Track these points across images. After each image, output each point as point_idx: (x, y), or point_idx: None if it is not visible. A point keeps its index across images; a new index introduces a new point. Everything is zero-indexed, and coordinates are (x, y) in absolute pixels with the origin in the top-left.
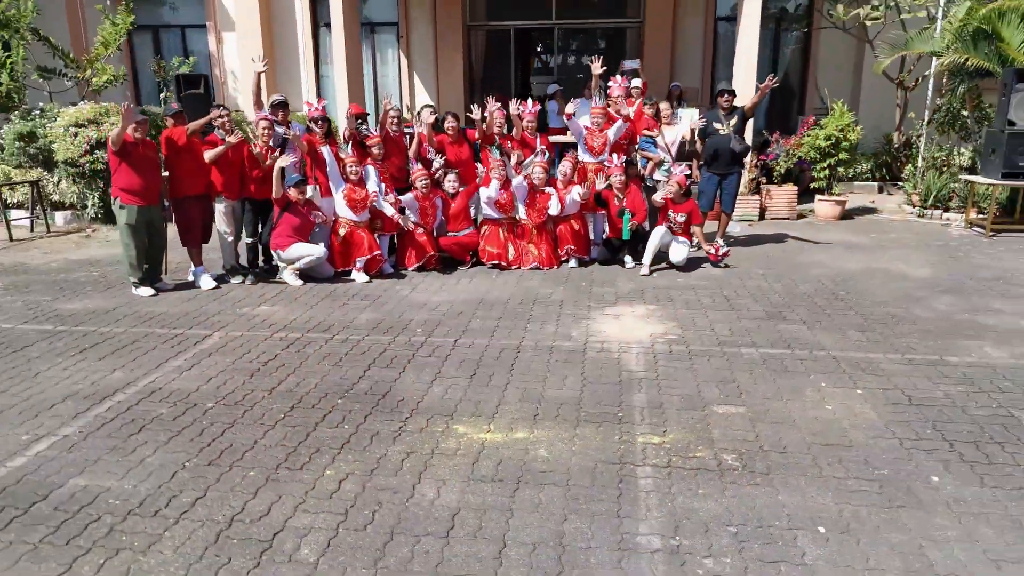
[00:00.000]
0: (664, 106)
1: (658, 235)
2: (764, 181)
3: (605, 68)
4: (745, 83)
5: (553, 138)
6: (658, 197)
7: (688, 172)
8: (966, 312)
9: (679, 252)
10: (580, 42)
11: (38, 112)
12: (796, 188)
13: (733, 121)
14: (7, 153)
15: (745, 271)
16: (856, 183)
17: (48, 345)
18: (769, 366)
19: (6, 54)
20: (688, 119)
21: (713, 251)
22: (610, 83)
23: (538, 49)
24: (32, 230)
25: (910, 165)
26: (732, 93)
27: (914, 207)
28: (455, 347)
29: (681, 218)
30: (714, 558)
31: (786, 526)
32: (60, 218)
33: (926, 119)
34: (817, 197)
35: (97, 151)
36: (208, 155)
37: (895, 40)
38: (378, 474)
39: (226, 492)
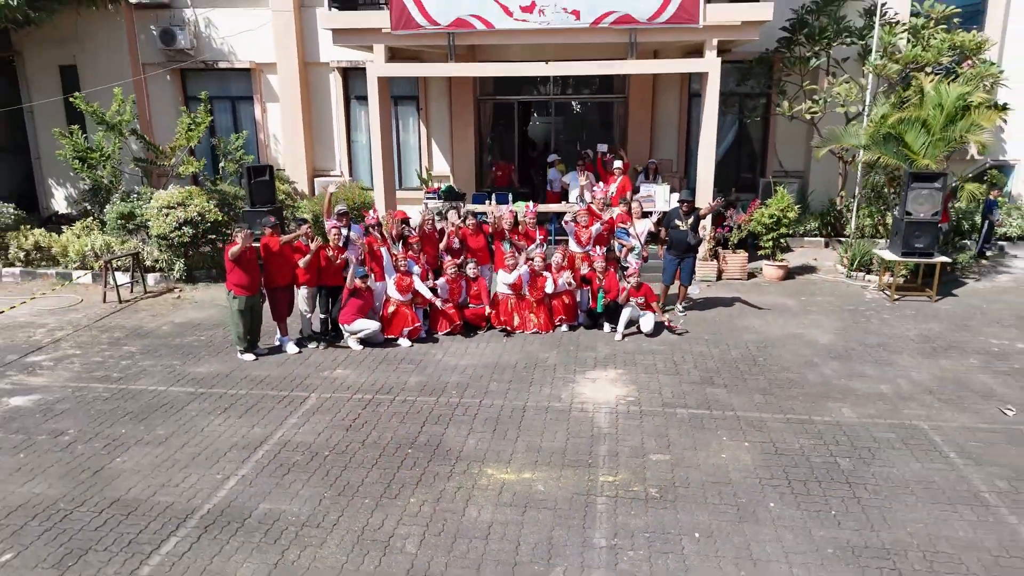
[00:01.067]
0: (635, 205)
1: (627, 311)
2: (721, 248)
3: (594, 184)
4: (706, 156)
5: (552, 206)
6: (622, 296)
7: (642, 260)
8: (843, 377)
9: (647, 323)
10: (574, 114)
11: (136, 195)
12: (747, 254)
13: (690, 220)
14: (109, 228)
15: (695, 336)
16: (806, 238)
17: (199, 405)
18: (692, 424)
19: (106, 151)
20: (660, 195)
21: (668, 321)
22: (595, 189)
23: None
24: (132, 291)
25: (846, 231)
26: (690, 202)
27: (845, 268)
28: (480, 407)
29: (641, 300)
30: (633, 551)
31: (677, 533)
32: (151, 279)
33: (856, 195)
34: (764, 262)
35: (184, 227)
36: (302, 262)
37: (829, 134)
38: (442, 501)
39: (354, 513)
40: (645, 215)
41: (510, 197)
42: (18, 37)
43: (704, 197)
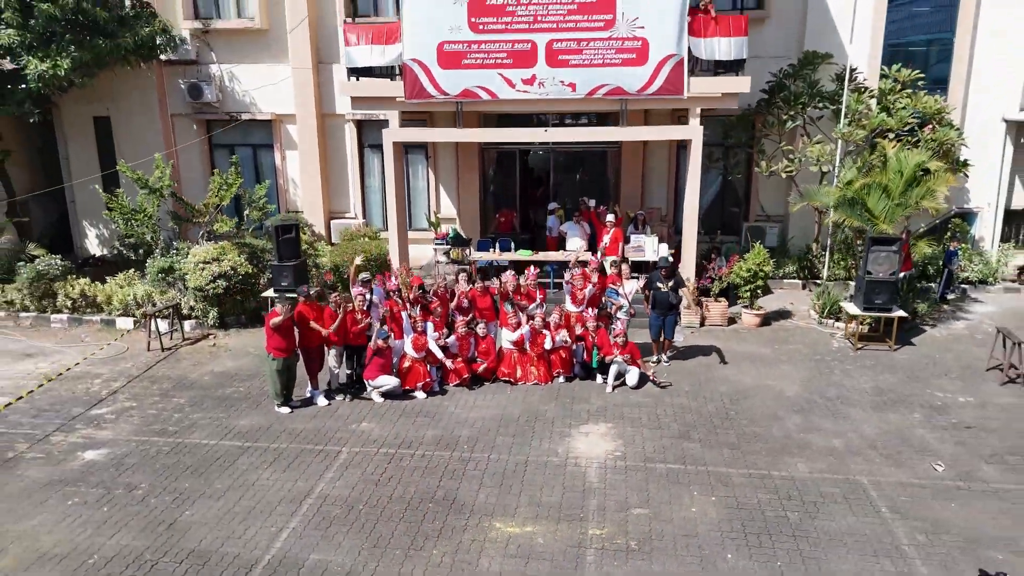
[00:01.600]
0: (626, 268)
1: (615, 367)
2: (704, 297)
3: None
4: (690, 213)
5: (551, 254)
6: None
7: (629, 317)
8: (802, 431)
9: (632, 378)
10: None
11: (175, 251)
12: (727, 303)
13: (670, 283)
14: (150, 280)
15: (676, 387)
16: (785, 280)
17: (248, 459)
18: (669, 478)
19: (149, 212)
20: (649, 246)
21: (652, 375)
22: (589, 263)
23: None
24: (171, 338)
25: (821, 274)
26: (669, 267)
27: (816, 314)
28: (488, 462)
29: (627, 358)
30: None
31: None
32: (188, 326)
33: (828, 246)
34: (743, 310)
35: (218, 280)
36: (332, 327)
37: (804, 192)
38: (459, 552)
39: (388, 564)
40: (632, 277)
41: (512, 245)
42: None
43: (689, 248)
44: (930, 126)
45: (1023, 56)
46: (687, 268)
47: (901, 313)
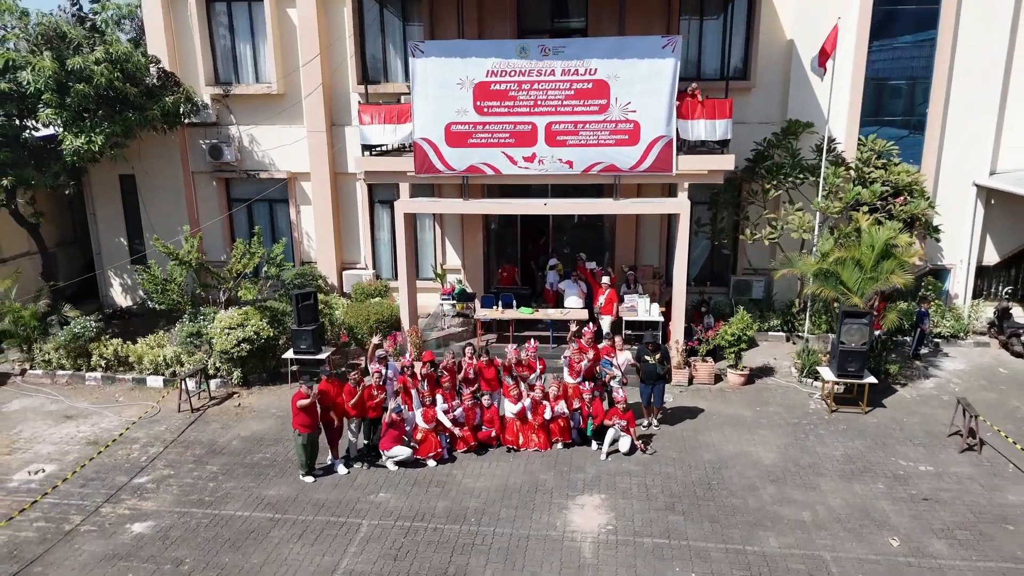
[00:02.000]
0: (619, 340)
1: (611, 434)
2: (692, 357)
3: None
4: (679, 278)
5: (551, 311)
6: (612, 420)
7: (623, 384)
8: (776, 503)
9: (624, 444)
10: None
11: (202, 317)
12: (713, 363)
13: (657, 356)
14: (179, 343)
15: (663, 455)
16: (770, 333)
17: (279, 532)
18: (655, 554)
19: (178, 280)
20: (641, 306)
21: (641, 445)
22: (583, 332)
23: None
24: (199, 397)
25: (800, 338)
26: (654, 342)
27: (797, 372)
28: (494, 536)
29: (623, 423)
30: None
31: None
32: (213, 384)
33: (808, 309)
34: (728, 370)
35: (242, 343)
36: (351, 402)
37: (784, 259)
38: None
39: None
40: (624, 349)
41: (514, 301)
42: None
43: (678, 311)
44: (902, 197)
45: (991, 126)
46: (676, 329)
47: (871, 380)
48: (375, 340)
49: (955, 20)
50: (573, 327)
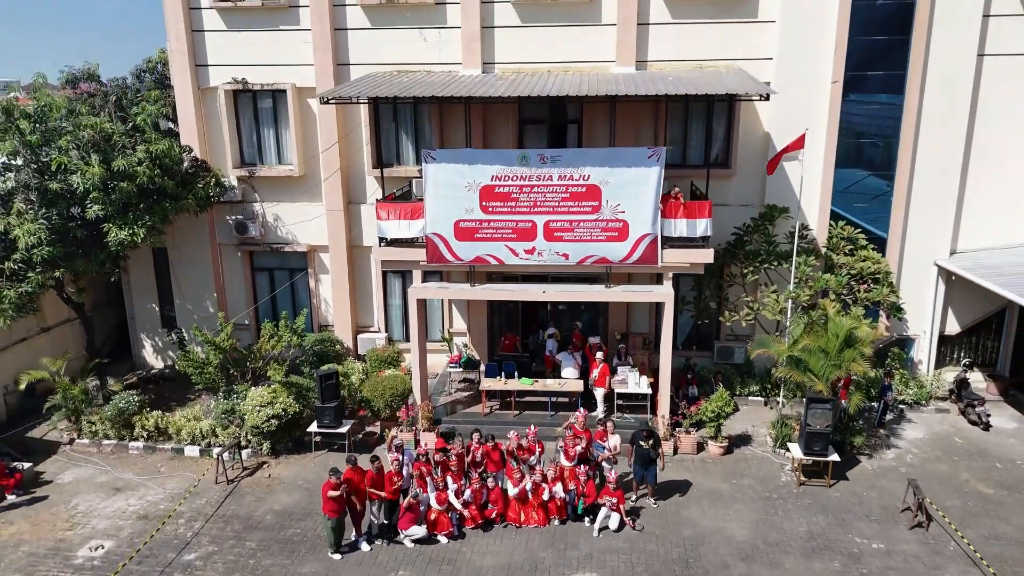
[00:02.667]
0: (610, 425)
1: (603, 513)
2: (676, 429)
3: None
4: (665, 357)
5: (549, 382)
6: (604, 500)
7: (614, 463)
8: None
9: (614, 522)
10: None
11: (235, 395)
12: (696, 434)
13: (651, 442)
14: (214, 418)
15: (649, 531)
16: (751, 398)
17: None
18: None
19: (214, 363)
20: (632, 379)
21: (630, 522)
22: (576, 418)
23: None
24: (232, 467)
25: (776, 402)
26: (650, 430)
27: (772, 442)
28: None
29: (614, 501)
30: None
31: None
32: (245, 454)
33: (782, 384)
34: (709, 441)
35: (271, 419)
36: (371, 491)
37: (760, 340)
38: None
39: None
40: (614, 433)
41: (516, 371)
42: None
43: (665, 387)
44: (866, 284)
45: (950, 211)
46: (663, 404)
47: (835, 457)
48: (392, 433)
49: (916, 120)
50: (568, 421)
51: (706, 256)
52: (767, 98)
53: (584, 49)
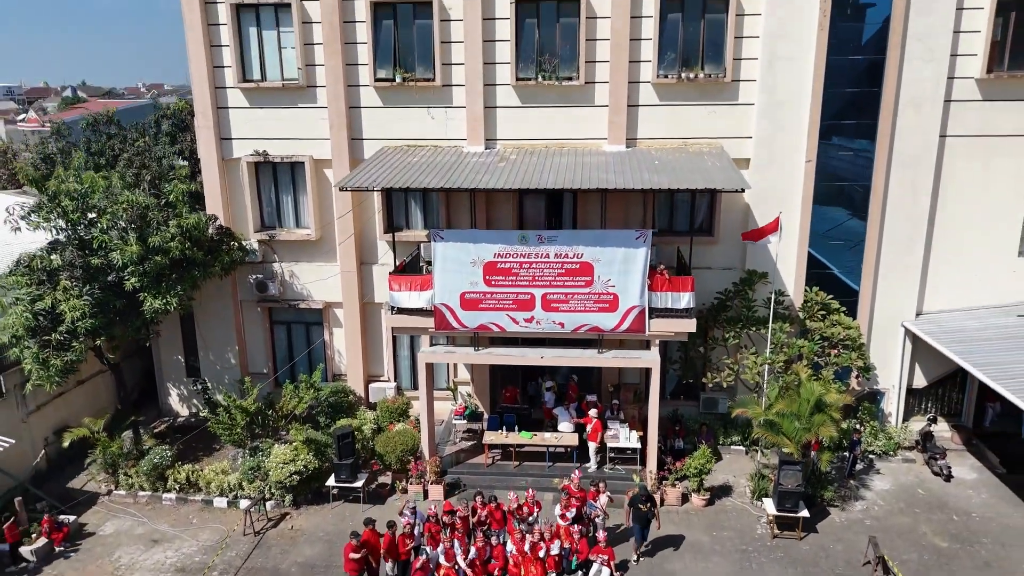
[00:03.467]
0: (601, 485)
1: (594, 568)
2: (663, 483)
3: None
4: (652, 418)
5: (547, 436)
6: (596, 557)
7: (605, 521)
8: None
9: None
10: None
11: (261, 453)
12: (681, 488)
13: (648, 504)
14: (241, 473)
15: None
16: (732, 447)
17: None
18: None
19: (241, 423)
20: (622, 434)
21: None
22: (572, 479)
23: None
24: (258, 519)
25: (755, 450)
26: (648, 496)
27: (750, 495)
28: None
29: (605, 558)
30: None
31: None
32: (269, 505)
33: (760, 446)
34: (693, 493)
35: (294, 475)
36: (384, 552)
37: (740, 400)
38: None
39: None
40: (604, 493)
41: (516, 424)
42: None
43: (652, 446)
44: (836, 350)
45: (916, 276)
46: (651, 458)
47: (805, 513)
48: (411, 504)
49: (883, 195)
50: (564, 483)
51: (689, 326)
52: (743, 190)
53: (579, 128)
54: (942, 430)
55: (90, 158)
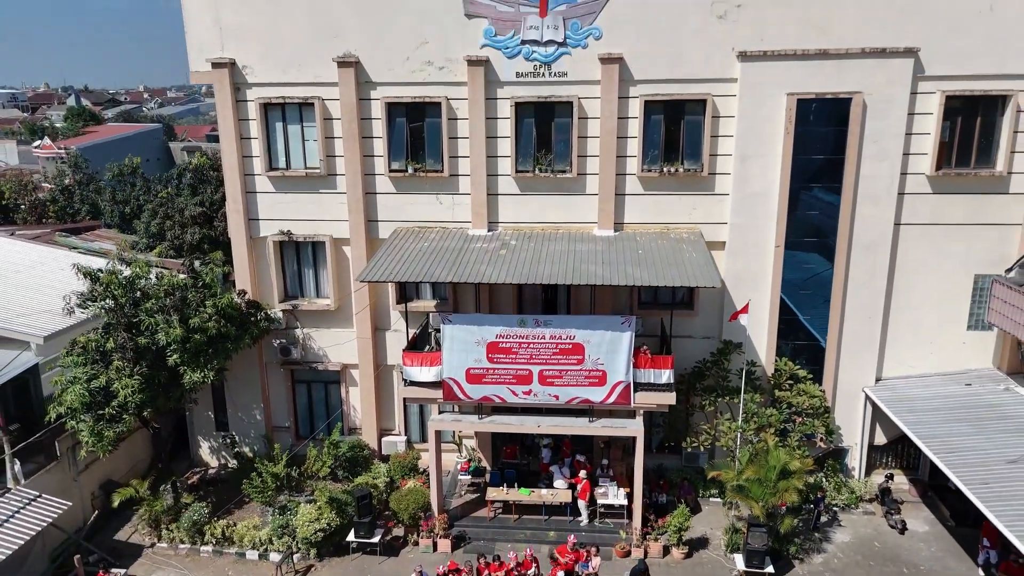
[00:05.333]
0: (592, 549)
1: None
2: (646, 538)
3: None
4: (638, 484)
5: (544, 492)
6: None
7: None
8: None
9: None
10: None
11: (289, 512)
12: (664, 537)
13: (641, 567)
14: (271, 530)
15: None
16: (711, 499)
17: None
18: None
19: (271, 487)
20: (611, 492)
21: None
22: (568, 541)
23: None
24: (287, 572)
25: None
26: (645, 571)
27: (724, 548)
28: None
29: None
30: None
31: None
32: (296, 557)
33: (734, 503)
34: (673, 547)
35: (318, 532)
36: None
37: (715, 464)
38: None
39: None
40: (596, 555)
41: (516, 480)
42: None
43: (638, 501)
44: (801, 419)
45: (875, 346)
46: (636, 516)
47: (770, 569)
48: (415, 568)
49: (844, 278)
50: (558, 548)
51: (669, 399)
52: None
53: (572, 213)
54: (901, 482)
55: (115, 207)
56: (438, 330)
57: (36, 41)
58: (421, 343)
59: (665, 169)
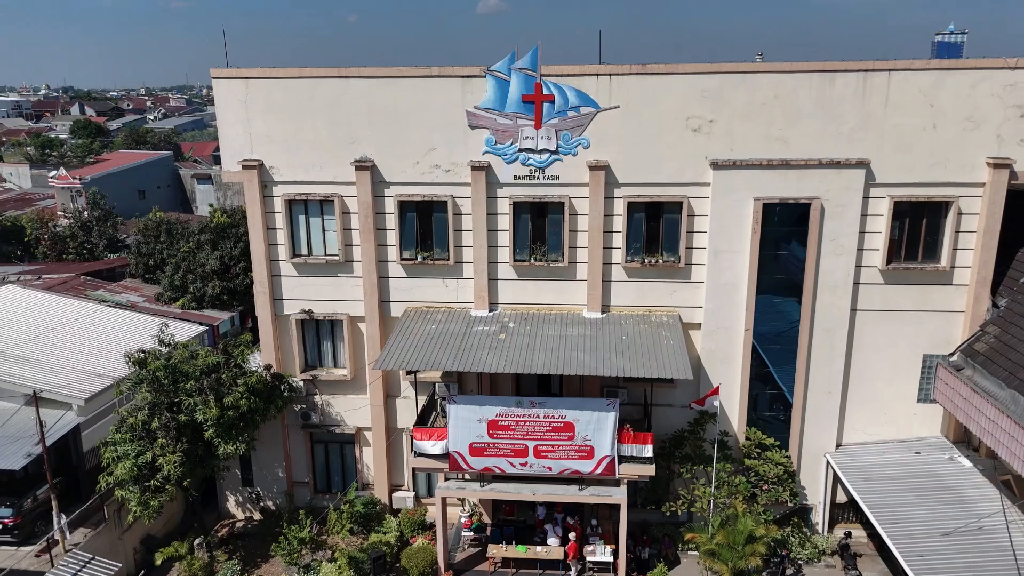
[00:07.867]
0: None
1: None
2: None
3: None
4: (623, 542)
5: (537, 550)
6: None
7: None
8: None
9: None
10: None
11: (313, 570)
12: None
13: None
14: None
15: None
16: (690, 552)
17: None
18: None
19: (297, 549)
20: (599, 550)
21: None
22: None
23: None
24: None
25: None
26: None
27: None
28: None
29: None
30: None
31: None
32: None
33: (706, 565)
34: None
35: None
36: None
37: (687, 528)
38: None
39: None
40: None
41: (514, 537)
42: None
43: (622, 559)
44: (767, 486)
45: (835, 414)
46: (620, 573)
47: None
48: None
49: (807, 356)
50: None
51: (650, 470)
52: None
53: (564, 296)
54: (860, 536)
55: (140, 259)
56: (444, 399)
57: (36, 41)
58: (428, 410)
59: (647, 260)
